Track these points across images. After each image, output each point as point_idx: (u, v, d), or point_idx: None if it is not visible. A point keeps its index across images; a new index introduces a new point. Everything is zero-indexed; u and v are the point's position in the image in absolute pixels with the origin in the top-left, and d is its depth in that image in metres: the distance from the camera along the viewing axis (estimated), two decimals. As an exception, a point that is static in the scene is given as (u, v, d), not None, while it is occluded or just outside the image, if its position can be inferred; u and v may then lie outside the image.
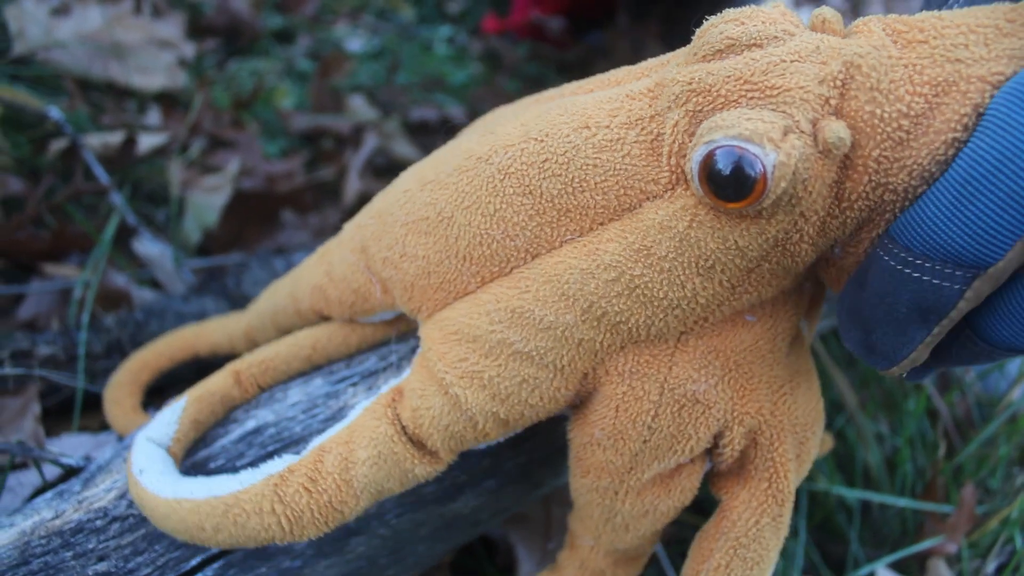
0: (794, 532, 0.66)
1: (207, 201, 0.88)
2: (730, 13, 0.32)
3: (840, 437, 0.73)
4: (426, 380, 0.38)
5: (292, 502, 0.37)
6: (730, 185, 0.29)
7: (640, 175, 0.34)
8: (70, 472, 0.53)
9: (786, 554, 0.65)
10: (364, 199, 0.93)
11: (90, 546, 0.42)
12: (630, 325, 0.35)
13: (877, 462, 0.69)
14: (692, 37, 0.35)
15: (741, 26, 0.32)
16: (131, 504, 0.43)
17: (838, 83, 0.30)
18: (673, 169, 0.33)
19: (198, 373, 0.68)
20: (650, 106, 0.34)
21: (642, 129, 0.34)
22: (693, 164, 0.30)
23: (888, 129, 0.29)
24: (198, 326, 0.57)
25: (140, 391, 0.55)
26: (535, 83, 1.25)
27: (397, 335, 0.47)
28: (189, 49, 1.09)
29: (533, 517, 0.64)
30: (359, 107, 1.07)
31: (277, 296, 0.50)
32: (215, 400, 0.44)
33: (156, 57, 1.04)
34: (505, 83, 1.23)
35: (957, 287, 0.29)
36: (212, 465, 0.44)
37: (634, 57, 1.26)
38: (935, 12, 0.31)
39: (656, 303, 0.35)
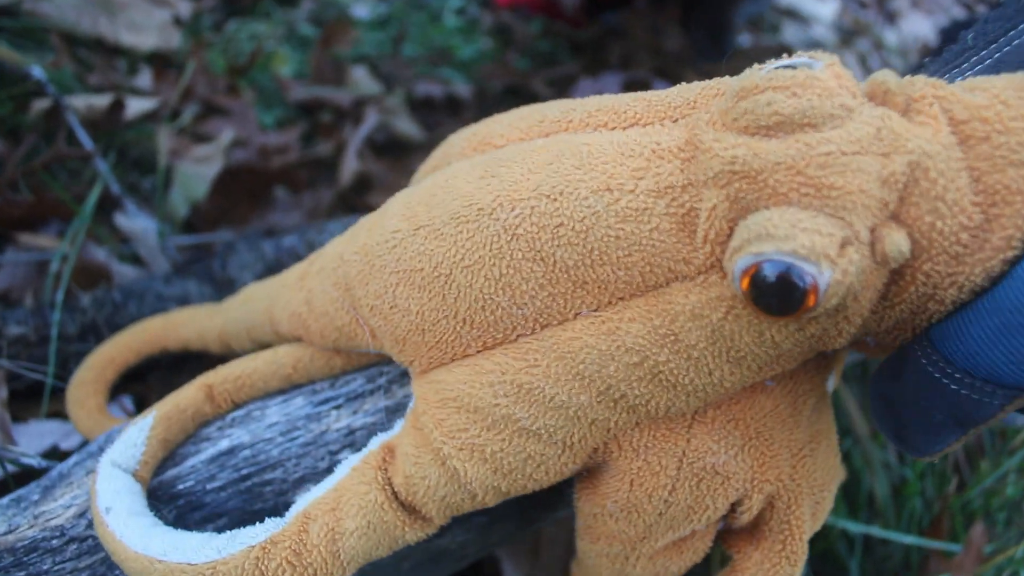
0: (792, 559, 0.64)
1: (196, 172, 0.84)
2: (781, 77, 0.27)
3: (846, 460, 0.70)
4: (421, 446, 0.35)
5: None
6: (776, 298, 0.26)
7: (669, 253, 0.30)
8: (31, 472, 0.50)
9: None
10: (361, 180, 0.89)
11: (44, 567, 0.39)
12: (649, 407, 0.32)
13: (884, 493, 0.66)
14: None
15: (794, 99, 0.27)
16: (90, 524, 0.39)
17: (900, 185, 0.26)
18: (708, 254, 0.29)
19: (172, 361, 0.65)
20: (682, 171, 0.29)
21: (672, 200, 0.29)
22: (736, 269, 0.27)
23: (946, 244, 0.27)
24: (168, 318, 0.53)
25: (105, 389, 0.52)
26: (546, 61, 1.20)
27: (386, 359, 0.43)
28: (185, 7, 1.04)
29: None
30: (361, 79, 1.02)
31: (253, 309, 0.45)
32: (186, 417, 0.41)
33: (149, 14, 0.99)
34: (515, 60, 1.18)
35: (997, 403, 0.27)
36: (180, 486, 0.40)
37: (652, 41, 1.21)
38: (998, 93, 0.27)
39: (680, 388, 0.32)
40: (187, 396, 0.41)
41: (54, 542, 0.39)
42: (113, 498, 0.37)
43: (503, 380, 0.33)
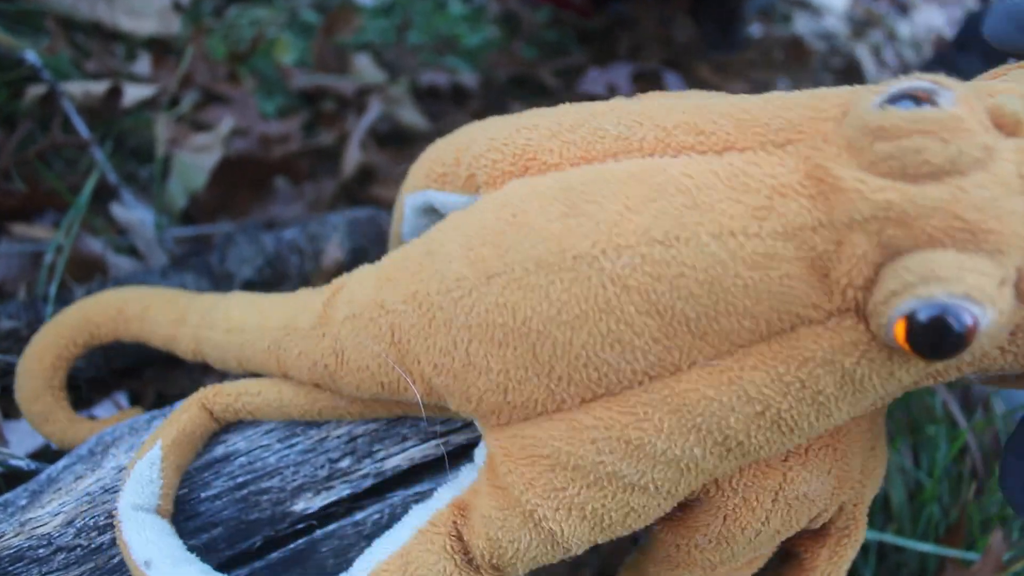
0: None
1: (195, 162, 0.81)
2: (925, 120, 0.26)
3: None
4: (506, 508, 0.32)
5: None
6: (932, 342, 0.25)
7: (798, 299, 0.28)
8: (18, 474, 0.48)
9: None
10: (364, 171, 0.87)
11: (30, 577, 0.37)
12: (762, 452, 0.31)
13: (899, 499, 0.64)
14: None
15: (944, 146, 0.26)
16: (79, 533, 0.38)
17: None
18: (843, 298, 0.27)
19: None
20: (810, 211, 0.27)
21: (802, 243, 0.27)
22: (892, 314, 0.25)
23: None
24: (121, 308, 0.46)
25: (63, 393, 0.47)
26: (554, 51, 1.18)
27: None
28: (186, -8, 1.01)
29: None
30: (365, 67, 1.00)
31: (246, 345, 0.40)
32: (195, 439, 0.39)
33: (149, -2, 0.96)
34: (522, 49, 1.15)
35: None
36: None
37: (661, 31, 1.19)
38: None
39: (798, 431, 0.30)
40: (191, 418, 0.38)
41: (41, 551, 0.37)
42: (149, 549, 0.35)
43: (608, 436, 0.31)
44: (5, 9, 0.85)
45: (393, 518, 0.39)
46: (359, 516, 0.39)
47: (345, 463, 0.39)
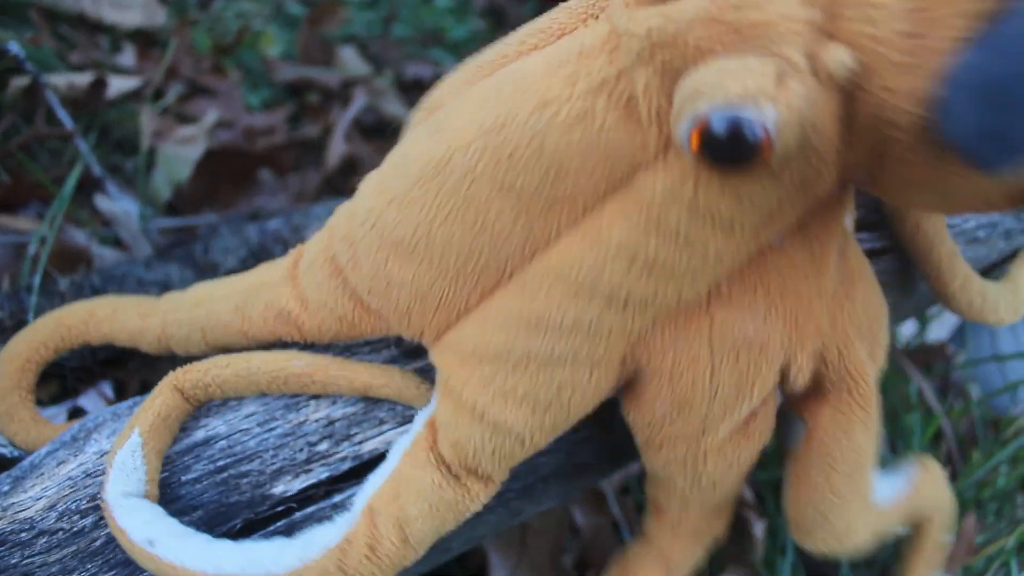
0: (781, 551, 0.63)
1: (180, 153, 0.82)
2: None
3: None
4: (456, 410, 0.34)
5: (357, 572, 0.35)
6: (729, 153, 0.25)
7: (624, 146, 0.29)
8: (3, 462, 0.49)
9: (772, 574, 0.62)
10: (349, 163, 0.87)
11: (12, 561, 0.37)
12: (659, 301, 0.32)
13: (875, 484, 0.65)
14: None
15: None
16: (61, 516, 0.38)
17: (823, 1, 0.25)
18: (659, 134, 0.29)
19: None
20: (611, 63, 0.29)
21: (610, 93, 0.29)
22: (681, 137, 0.26)
23: (887, 52, 0.25)
24: (91, 311, 0.47)
25: (31, 395, 0.47)
26: (539, 44, 1.18)
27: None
28: (170, -16, 1.02)
29: (509, 524, 0.61)
30: (350, 60, 1.00)
31: (214, 311, 0.42)
32: (172, 421, 0.39)
33: (133, -10, 0.96)
34: (507, 42, 1.16)
35: None
36: (154, 477, 0.39)
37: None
38: None
39: (680, 273, 0.31)
40: (164, 402, 0.39)
41: (23, 535, 0.38)
42: (148, 529, 0.35)
43: (510, 320, 0.33)
44: (-12, 1, 0.85)
45: (378, 467, 0.40)
46: (338, 498, 0.40)
47: (323, 446, 0.40)
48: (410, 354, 0.41)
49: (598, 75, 0.29)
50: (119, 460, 0.37)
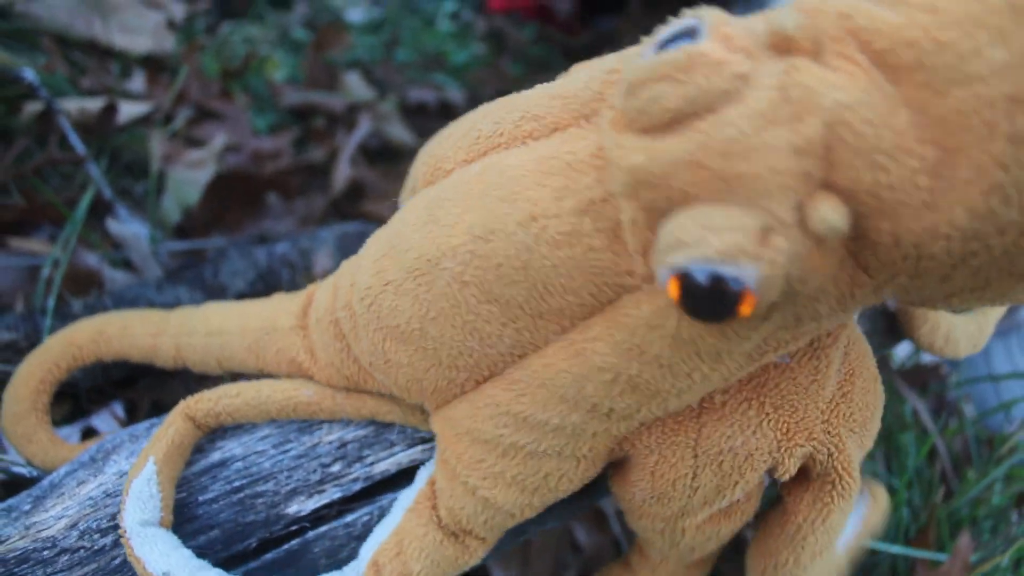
0: (780, 568, 0.64)
1: (189, 177, 0.83)
2: (663, 64, 0.24)
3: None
4: (451, 480, 0.36)
5: None
6: (709, 305, 0.24)
7: (609, 268, 0.29)
8: (20, 481, 0.50)
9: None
10: (354, 186, 0.89)
11: (35, 579, 0.39)
12: (642, 414, 0.32)
13: (871, 502, 0.66)
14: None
15: (679, 88, 0.24)
16: (82, 535, 0.40)
17: (820, 149, 0.23)
18: (644, 264, 0.28)
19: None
20: (598, 183, 0.28)
21: (597, 216, 0.28)
22: (660, 281, 0.25)
23: (901, 195, 0.23)
24: (101, 329, 0.48)
25: (47, 416, 0.48)
26: (540, 67, 1.20)
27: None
28: (179, 10, 1.04)
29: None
30: (354, 85, 1.02)
31: (227, 345, 0.43)
32: (184, 448, 0.40)
33: (143, 16, 0.98)
34: (508, 66, 1.18)
35: None
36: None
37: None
38: (919, 1, 0.23)
39: (664, 394, 0.31)
40: (177, 431, 0.40)
41: (45, 553, 0.39)
42: (165, 561, 0.36)
43: (499, 412, 0.33)
44: (2, 27, 0.87)
45: (382, 520, 0.41)
46: (350, 518, 0.41)
47: (336, 467, 0.41)
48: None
49: (586, 194, 0.28)
50: (135, 489, 0.38)
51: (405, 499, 0.38)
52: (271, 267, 0.70)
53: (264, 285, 0.69)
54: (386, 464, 0.41)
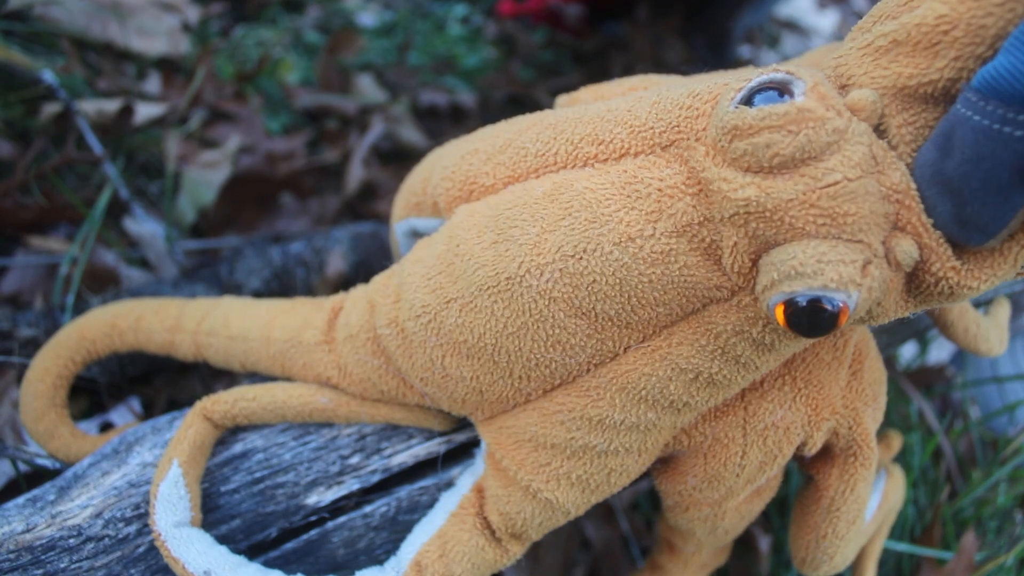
0: (786, 565, 0.65)
1: (204, 178, 0.84)
2: (773, 116, 0.28)
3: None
4: (508, 487, 0.38)
5: None
6: (808, 323, 0.28)
7: (701, 284, 0.32)
8: (42, 473, 0.51)
9: (777, 589, 0.64)
10: (367, 188, 0.90)
11: (62, 565, 0.40)
12: (710, 403, 0.36)
13: (877, 501, 0.67)
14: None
15: (791, 138, 0.28)
16: (107, 524, 0.41)
17: (897, 194, 0.28)
18: (737, 280, 0.31)
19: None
20: (694, 208, 0.31)
21: (692, 237, 0.31)
22: (770, 304, 0.29)
23: (941, 241, 0.29)
24: (113, 323, 0.48)
25: (66, 410, 0.49)
26: (549, 71, 1.21)
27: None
28: (193, 13, 1.05)
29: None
30: (367, 87, 1.03)
31: (251, 352, 0.44)
32: (205, 448, 0.42)
33: (158, 20, 1.00)
34: (518, 70, 1.19)
35: None
36: (195, 488, 0.41)
37: (653, 52, 1.22)
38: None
39: (734, 384, 0.35)
40: (197, 432, 0.41)
41: (71, 541, 0.40)
42: (204, 559, 0.38)
43: (572, 417, 0.36)
44: (21, 30, 0.88)
45: (399, 511, 0.42)
46: (367, 509, 0.42)
47: (355, 459, 0.42)
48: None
49: (682, 218, 0.31)
50: (163, 492, 0.39)
51: (447, 502, 0.40)
52: (286, 266, 0.71)
53: (279, 283, 0.70)
54: (404, 456, 0.42)
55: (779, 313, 0.29)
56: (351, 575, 0.43)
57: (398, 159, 0.99)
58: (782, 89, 0.29)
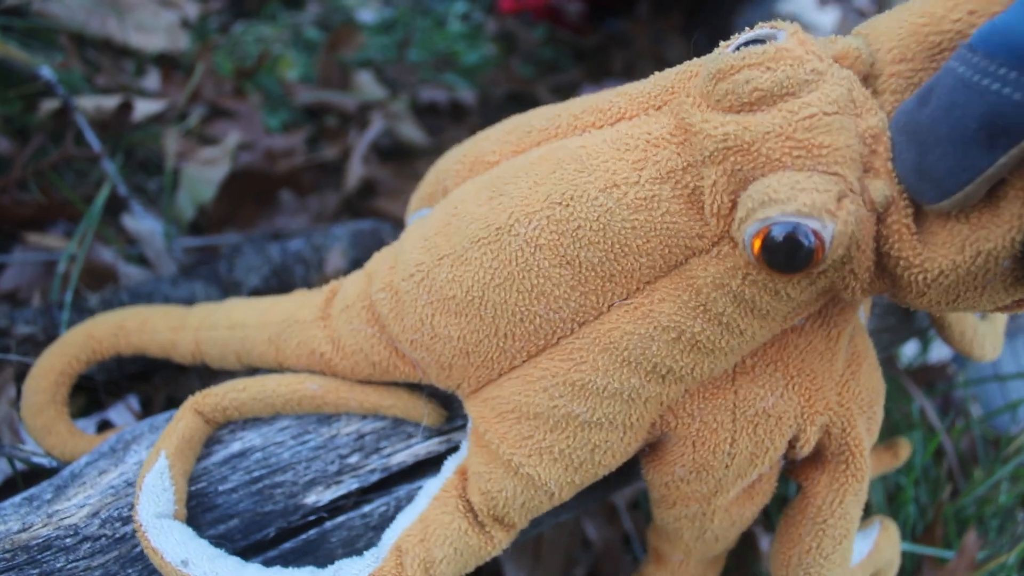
0: (788, 565, 0.65)
1: (203, 175, 0.84)
2: (752, 55, 0.30)
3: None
4: (491, 462, 0.37)
5: None
6: (785, 257, 0.28)
7: (683, 232, 0.32)
8: (39, 471, 0.50)
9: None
10: (366, 185, 0.89)
11: (58, 565, 0.39)
12: (695, 374, 0.35)
13: (879, 500, 0.67)
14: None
15: (769, 73, 0.29)
16: (104, 523, 0.40)
17: (871, 138, 0.29)
18: (717, 227, 0.31)
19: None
20: (679, 155, 0.32)
21: (676, 183, 0.32)
22: (745, 237, 0.29)
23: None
24: (120, 324, 0.48)
25: (65, 408, 0.48)
26: (550, 68, 1.21)
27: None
28: (192, 9, 1.04)
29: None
30: (366, 84, 1.03)
31: (247, 339, 0.44)
32: (195, 443, 0.41)
33: (157, 16, 0.99)
34: (519, 67, 1.19)
35: None
36: (193, 488, 0.41)
37: (654, 49, 1.22)
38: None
39: (718, 350, 0.34)
40: (187, 425, 0.41)
41: (67, 541, 0.40)
42: (182, 549, 0.37)
43: (555, 383, 0.35)
44: (19, 25, 0.88)
45: (398, 510, 0.42)
46: (366, 508, 0.42)
47: (354, 459, 0.42)
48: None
49: (666, 164, 0.32)
50: (148, 483, 0.39)
51: (431, 487, 0.39)
52: (285, 263, 0.71)
53: (278, 281, 0.70)
54: (403, 455, 0.42)
55: (756, 247, 0.29)
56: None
57: (398, 156, 0.98)
58: (768, 41, 0.30)
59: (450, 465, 0.39)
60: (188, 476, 0.41)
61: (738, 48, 0.30)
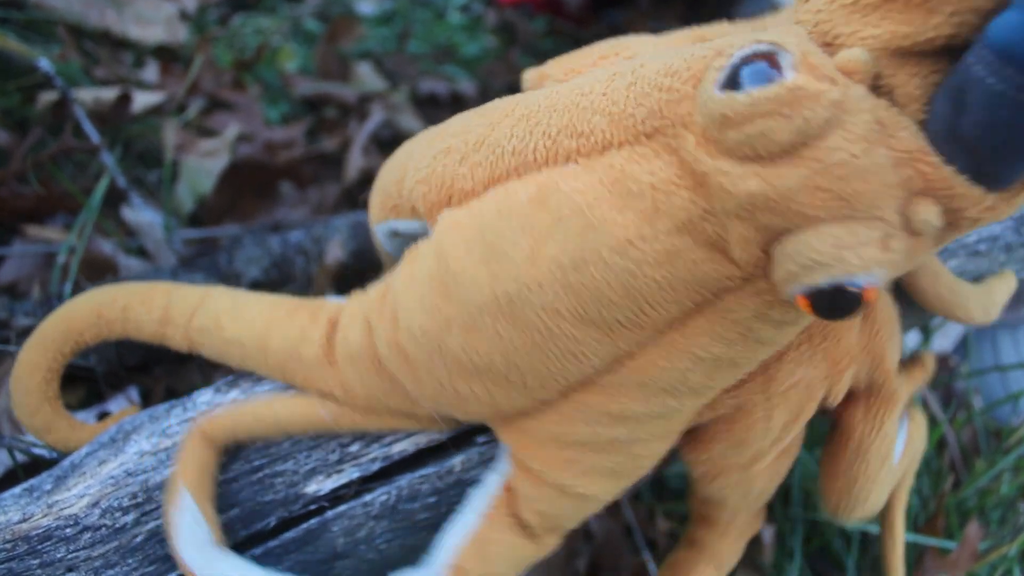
0: (789, 555, 0.65)
1: (202, 166, 0.84)
2: (763, 101, 0.26)
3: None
4: (540, 486, 0.37)
5: None
6: (831, 308, 0.27)
7: (710, 276, 0.30)
8: (39, 462, 0.50)
9: (780, 578, 0.63)
10: (366, 176, 0.89)
11: (58, 555, 0.39)
12: (731, 383, 0.35)
13: (881, 491, 0.67)
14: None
15: (786, 122, 0.26)
16: (104, 513, 0.40)
17: (910, 157, 0.27)
18: (748, 269, 0.30)
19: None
20: (693, 204, 0.29)
21: (695, 232, 0.29)
22: (791, 295, 0.28)
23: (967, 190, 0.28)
24: (99, 308, 0.45)
25: (59, 401, 0.46)
26: (550, 60, 1.21)
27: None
28: (191, 1, 1.04)
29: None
30: (366, 76, 1.03)
31: (248, 355, 0.42)
32: (212, 467, 0.41)
33: (156, 7, 0.99)
34: (519, 58, 1.18)
35: None
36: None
37: (654, 41, 1.21)
38: None
39: (755, 362, 0.34)
40: (201, 455, 0.40)
41: (68, 531, 0.40)
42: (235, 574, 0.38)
43: (595, 414, 0.35)
44: (17, 17, 0.87)
45: (400, 499, 0.42)
46: (368, 498, 0.42)
47: (355, 447, 0.42)
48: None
49: (681, 214, 0.29)
50: (179, 523, 0.38)
51: (478, 502, 0.39)
52: (285, 255, 0.71)
53: (278, 272, 0.70)
54: (404, 444, 0.42)
55: (802, 302, 0.27)
56: (350, 562, 0.42)
57: (398, 148, 0.98)
58: (768, 60, 0.27)
59: (494, 481, 0.39)
60: (212, 499, 0.40)
61: (736, 67, 0.27)
